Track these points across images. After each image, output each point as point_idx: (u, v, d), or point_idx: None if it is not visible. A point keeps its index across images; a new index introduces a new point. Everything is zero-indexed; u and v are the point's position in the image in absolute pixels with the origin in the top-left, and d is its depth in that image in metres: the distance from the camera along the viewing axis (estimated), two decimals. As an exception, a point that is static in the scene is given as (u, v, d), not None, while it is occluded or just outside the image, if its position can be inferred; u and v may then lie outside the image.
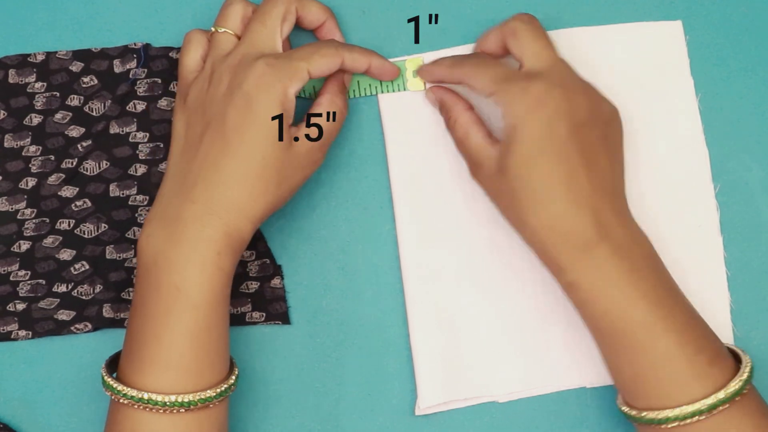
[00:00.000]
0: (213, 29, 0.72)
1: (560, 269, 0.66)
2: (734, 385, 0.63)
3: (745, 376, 0.64)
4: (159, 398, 0.64)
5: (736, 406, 0.63)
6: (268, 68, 0.67)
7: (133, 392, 0.64)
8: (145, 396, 0.64)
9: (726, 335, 0.74)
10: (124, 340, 0.67)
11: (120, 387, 0.65)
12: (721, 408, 0.63)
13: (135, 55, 0.77)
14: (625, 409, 0.67)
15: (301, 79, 0.68)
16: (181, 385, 0.65)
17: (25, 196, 0.75)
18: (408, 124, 0.76)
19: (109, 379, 0.66)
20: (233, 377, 0.68)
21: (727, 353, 0.66)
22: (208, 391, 0.65)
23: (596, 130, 0.68)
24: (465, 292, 0.74)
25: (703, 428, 0.63)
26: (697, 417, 0.63)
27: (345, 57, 0.71)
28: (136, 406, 0.64)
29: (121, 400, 0.65)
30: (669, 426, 0.64)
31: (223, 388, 0.66)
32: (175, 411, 0.64)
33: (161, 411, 0.64)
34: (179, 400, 0.64)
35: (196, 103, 0.69)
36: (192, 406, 0.64)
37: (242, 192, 0.66)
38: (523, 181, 0.66)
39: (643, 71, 0.76)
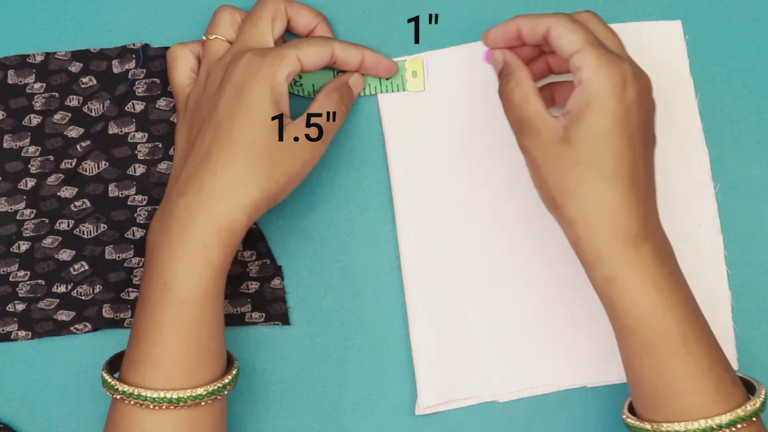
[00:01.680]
0: (204, 38, 0.72)
1: (600, 259, 0.63)
2: (753, 404, 0.62)
3: (763, 397, 0.63)
4: (149, 394, 0.64)
5: (752, 428, 0.63)
6: (256, 56, 0.68)
7: (125, 387, 0.64)
8: (135, 392, 0.64)
9: (727, 334, 0.74)
10: None
11: (114, 382, 0.65)
12: (738, 426, 0.62)
13: (134, 56, 0.77)
14: (632, 421, 0.65)
15: (290, 64, 0.68)
16: (171, 381, 0.64)
17: (25, 197, 0.75)
18: (408, 124, 0.76)
19: (106, 375, 0.66)
20: (229, 377, 0.67)
21: (740, 381, 0.65)
22: (199, 389, 0.65)
23: (652, 133, 0.67)
24: (465, 292, 0.74)
25: None
26: None
27: (335, 47, 0.71)
28: (128, 402, 0.64)
29: (115, 396, 0.65)
30: None
31: (216, 387, 0.66)
32: (164, 407, 0.64)
33: (152, 407, 0.64)
34: (168, 396, 0.64)
35: (194, 108, 0.70)
36: (182, 403, 0.64)
37: (230, 177, 0.65)
38: (592, 155, 0.63)
39: (642, 71, 0.76)
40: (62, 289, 0.74)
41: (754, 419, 0.62)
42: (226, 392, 0.67)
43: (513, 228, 0.75)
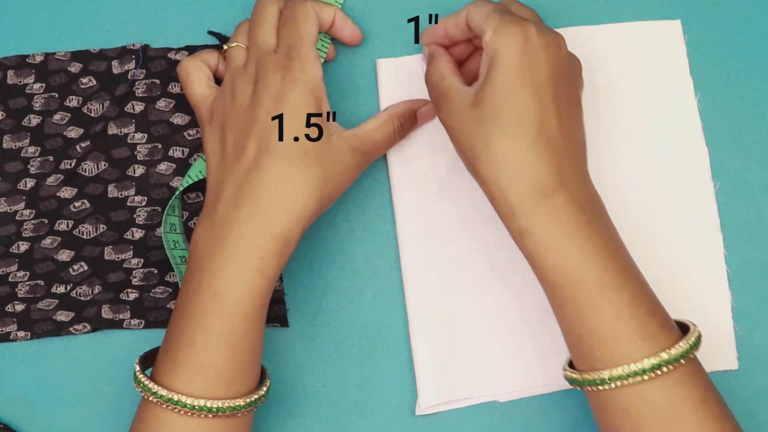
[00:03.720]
0: (225, 47, 0.73)
1: (513, 213, 0.64)
2: (679, 347, 0.62)
3: (692, 340, 0.63)
4: (189, 401, 0.63)
5: (680, 372, 0.62)
6: (286, 61, 0.68)
7: (164, 392, 0.64)
8: (175, 397, 0.63)
9: (727, 333, 0.74)
10: (163, 339, 0.67)
11: (151, 385, 0.64)
12: (664, 369, 0.61)
13: (133, 56, 0.77)
14: (568, 372, 0.66)
15: (316, 57, 0.69)
16: (211, 390, 0.64)
17: (24, 197, 0.75)
18: (408, 124, 0.76)
19: (142, 376, 0.65)
20: (264, 388, 0.67)
21: (674, 324, 0.65)
22: (238, 399, 0.65)
23: (573, 88, 0.67)
24: (465, 292, 0.74)
25: (644, 392, 0.62)
26: (639, 377, 0.61)
27: (316, 10, 0.72)
28: (164, 406, 0.64)
29: (150, 399, 0.64)
30: (610, 387, 0.62)
31: (253, 399, 0.66)
32: (202, 416, 0.64)
33: (189, 414, 0.64)
34: (208, 405, 0.63)
35: (224, 117, 0.70)
36: (220, 413, 0.64)
37: (287, 189, 0.66)
38: (496, 111, 0.64)
39: (642, 70, 0.76)
40: (61, 289, 0.74)
41: (682, 361, 0.62)
42: (261, 402, 0.67)
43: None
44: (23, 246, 0.75)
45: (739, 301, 0.74)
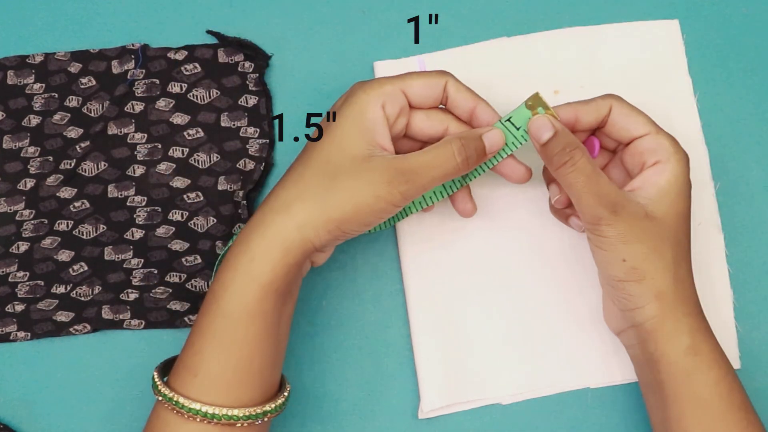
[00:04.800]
0: None
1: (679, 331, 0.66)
2: None
3: None
4: (185, 403, 0.62)
5: None
6: (359, 86, 0.66)
7: (166, 391, 0.63)
8: (174, 398, 0.62)
9: (729, 333, 0.74)
10: None
11: (159, 383, 0.64)
12: None
13: (133, 56, 0.77)
14: None
15: (386, 93, 0.65)
16: (209, 395, 0.62)
17: (24, 197, 0.75)
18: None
19: (155, 376, 0.65)
20: (272, 404, 0.64)
21: None
22: (236, 410, 0.62)
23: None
24: (466, 294, 0.74)
25: None
26: None
27: (449, 81, 0.67)
28: (167, 406, 0.63)
29: (158, 398, 0.64)
30: None
31: (253, 412, 0.63)
32: (198, 420, 0.62)
33: (186, 417, 0.62)
34: (203, 410, 0.62)
35: None
36: (216, 420, 0.62)
37: (293, 192, 0.64)
38: (678, 234, 0.65)
39: (640, 70, 0.76)
40: (61, 289, 0.74)
41: None
42: (266, 419, 0.64)
43: (514, 228, 0.74)
44: (23, 246, 0.75)
45: (740, 301, 0.74)
